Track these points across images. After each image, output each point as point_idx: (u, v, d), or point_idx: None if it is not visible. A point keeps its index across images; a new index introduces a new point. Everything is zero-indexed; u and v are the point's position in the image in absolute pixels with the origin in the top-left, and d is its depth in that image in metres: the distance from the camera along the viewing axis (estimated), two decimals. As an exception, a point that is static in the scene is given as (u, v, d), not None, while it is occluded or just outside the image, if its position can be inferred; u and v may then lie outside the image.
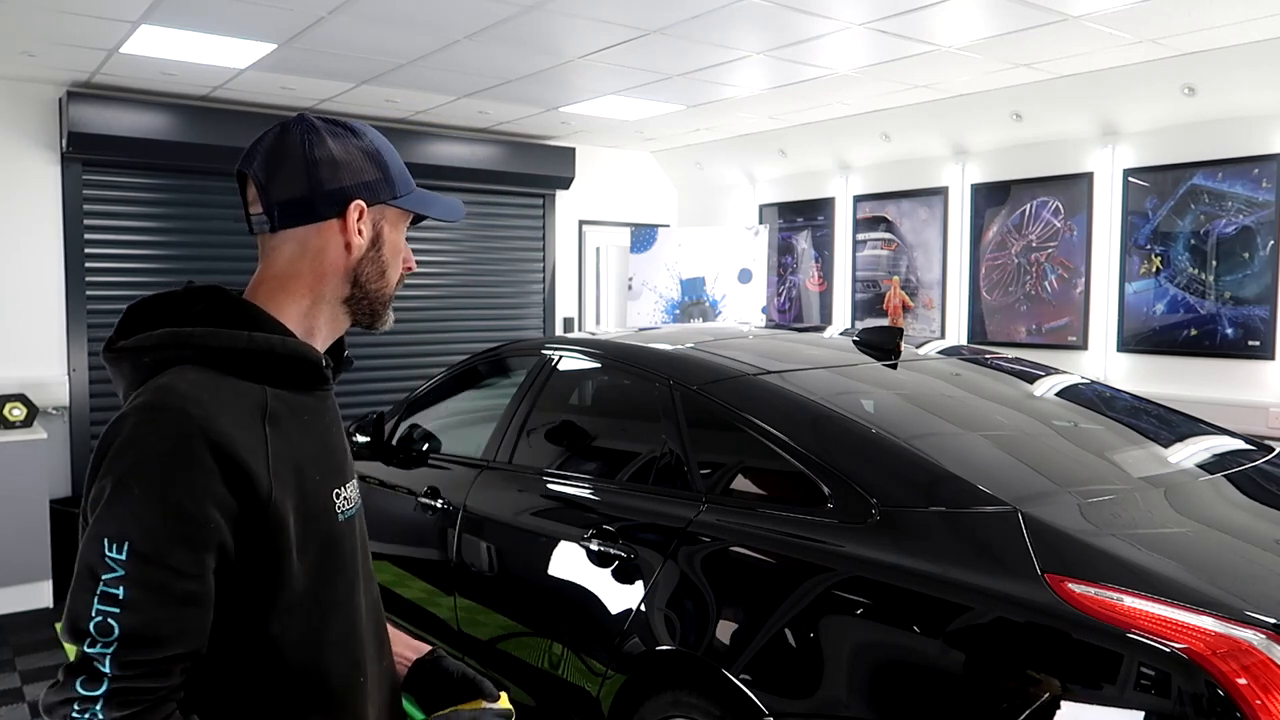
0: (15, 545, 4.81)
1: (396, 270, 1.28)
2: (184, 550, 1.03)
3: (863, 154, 6.51)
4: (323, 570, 1.17)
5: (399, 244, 1.28)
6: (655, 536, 2.41)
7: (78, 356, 5.50)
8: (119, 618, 1.00)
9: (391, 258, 1.27)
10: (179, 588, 1.03)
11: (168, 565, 1.02)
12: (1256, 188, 4.72)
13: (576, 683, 2.54)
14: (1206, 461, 2.47)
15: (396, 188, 1.26)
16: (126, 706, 1.00)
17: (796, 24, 4.16)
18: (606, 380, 3.22)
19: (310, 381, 1.22)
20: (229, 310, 1.18)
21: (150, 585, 1.02)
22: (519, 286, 7.30)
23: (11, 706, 3.75)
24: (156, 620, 1.01)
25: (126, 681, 1.00)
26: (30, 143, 5.35)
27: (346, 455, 1.28)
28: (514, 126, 6.63)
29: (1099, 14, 3.99)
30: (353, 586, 1.22)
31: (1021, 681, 1.73)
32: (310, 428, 1.20)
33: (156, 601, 1.02)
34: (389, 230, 1.26)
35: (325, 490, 1.19)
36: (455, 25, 4.20)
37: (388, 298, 1.28)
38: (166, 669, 1.02)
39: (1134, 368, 5.24)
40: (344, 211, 1.21)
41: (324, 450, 1.22)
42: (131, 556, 1.01)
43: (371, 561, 1.34)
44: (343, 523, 1.21)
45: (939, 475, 2.08)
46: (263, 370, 1.16)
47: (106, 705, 0.99)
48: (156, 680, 1.02)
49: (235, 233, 5.97)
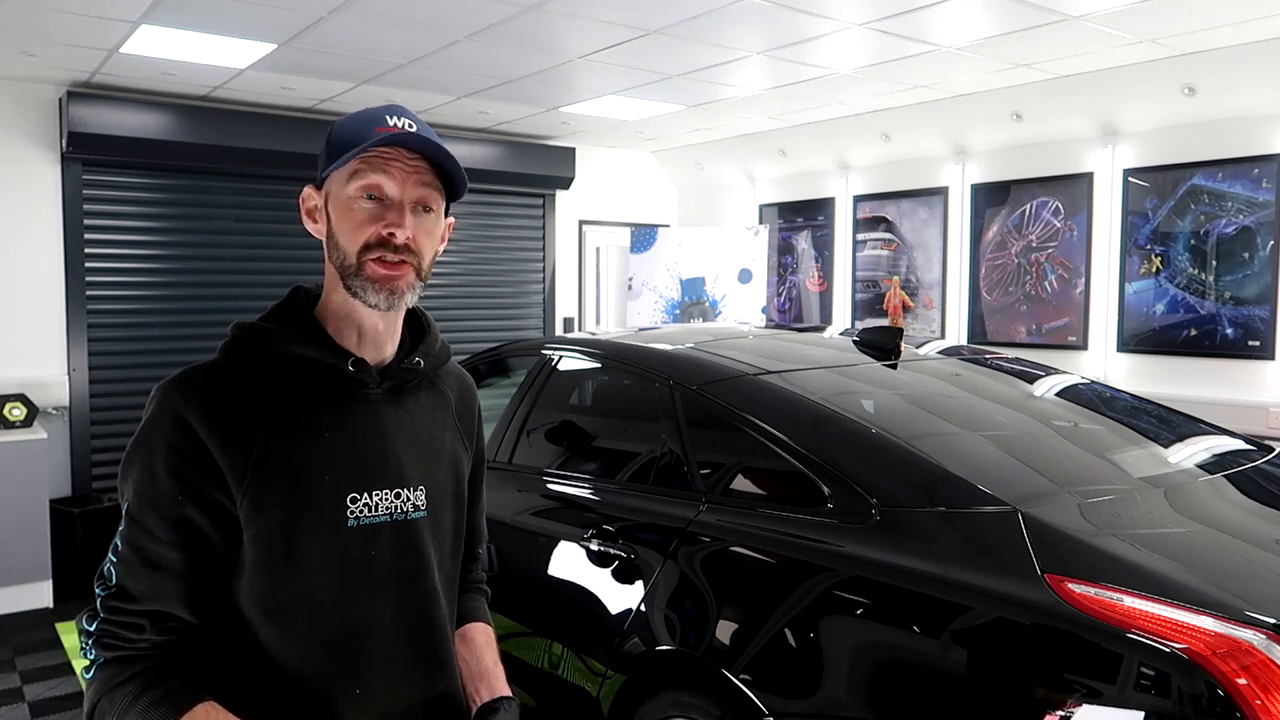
0: (15, 545, 4.81)
1: (352, 235, 1.16)
2: (156, 518, 1.12)
3: (863, 154, 6.51)
4: (310, 572, 1.15)
5: (349, 206, 1.17)
6: (655, 536, 2.41)
7: (78, 356, 5.50)
8: (116, 567, 1.13)
9: (340, 226, 1.18)
10: (151, 550, 1.12)
11: (145, 528, 1.12)
12: (1256, 188, 4.72)
13: (576, 683, 2.54)
14: (1206, 461, 2.47)
15: (336, 155, 1.17)
16: (108, 650, 1.11)
17: (796, 24, 4.16)
18: (606, 380, 3.22)
19: (328, 384, 1.20)
20: (287, 308, 1.24)
21: (134, 544, 1.12)
22: (519, 286, 7.30)
23: (11, 706, 3.75)
24: (135, 576, 1.11)
25: (110, 626, 1.11)
26: (30, 143, 5.35)
27: (389, 461, 1.21)
28: (514, 126, 6.63)
29: (1099, 14, 3.99)
30: (354, 593, 1.18)
31: (1021, 682, 1.73)
32: (330, 430, 1.18)
33: (137, 560, 1.12)
34: (332, 201, 1.19)
35: (333, 494, 1.17)
36: (455, 25, 4.20)
37: (350, 268, 1.17)
38: (139, 624, 1.11)
39: (1134, 368, 5.24)
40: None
41: (348, 454, 1.18)
42: (127, 516, 1.13)
43: (434, 578, 1.25)
44: (354, 528, 1.17)
45: (939, 475, 2.08)
46: (281, 367, 1.19)
47: (96, 643, 1.12)
48: (132, 632, 1.11)
49: (235, 233, 5.97)
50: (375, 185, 1.16)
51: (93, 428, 5.55)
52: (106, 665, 1.11)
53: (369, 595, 1.19)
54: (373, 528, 1.19)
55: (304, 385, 1.18)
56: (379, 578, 1.20)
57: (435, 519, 1.26)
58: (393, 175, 1.16)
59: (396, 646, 1.21)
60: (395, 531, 1.21)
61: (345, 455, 1.18)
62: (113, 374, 5.61)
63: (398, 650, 1.21)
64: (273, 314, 1.23)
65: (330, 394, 1.19)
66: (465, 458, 1.37)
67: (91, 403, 5.55)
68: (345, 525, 1.17)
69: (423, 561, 1.24)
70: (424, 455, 1.26)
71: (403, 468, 1.23)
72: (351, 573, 1.18)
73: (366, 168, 1.16)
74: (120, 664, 1.10)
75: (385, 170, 1.16)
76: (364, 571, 1.18)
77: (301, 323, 1.21)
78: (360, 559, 1.18)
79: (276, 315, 1.23)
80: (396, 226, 1.16)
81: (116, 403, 5.59)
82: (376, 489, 1.20)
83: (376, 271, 1.16)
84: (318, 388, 1.19)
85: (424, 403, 1.29)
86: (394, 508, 1.21)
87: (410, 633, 1.23)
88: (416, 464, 1.24)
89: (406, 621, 1.22)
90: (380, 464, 1.21)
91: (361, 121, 1.18)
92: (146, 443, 1.13)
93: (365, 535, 1.18)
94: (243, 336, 1.20)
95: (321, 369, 1.19)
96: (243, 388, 1.16)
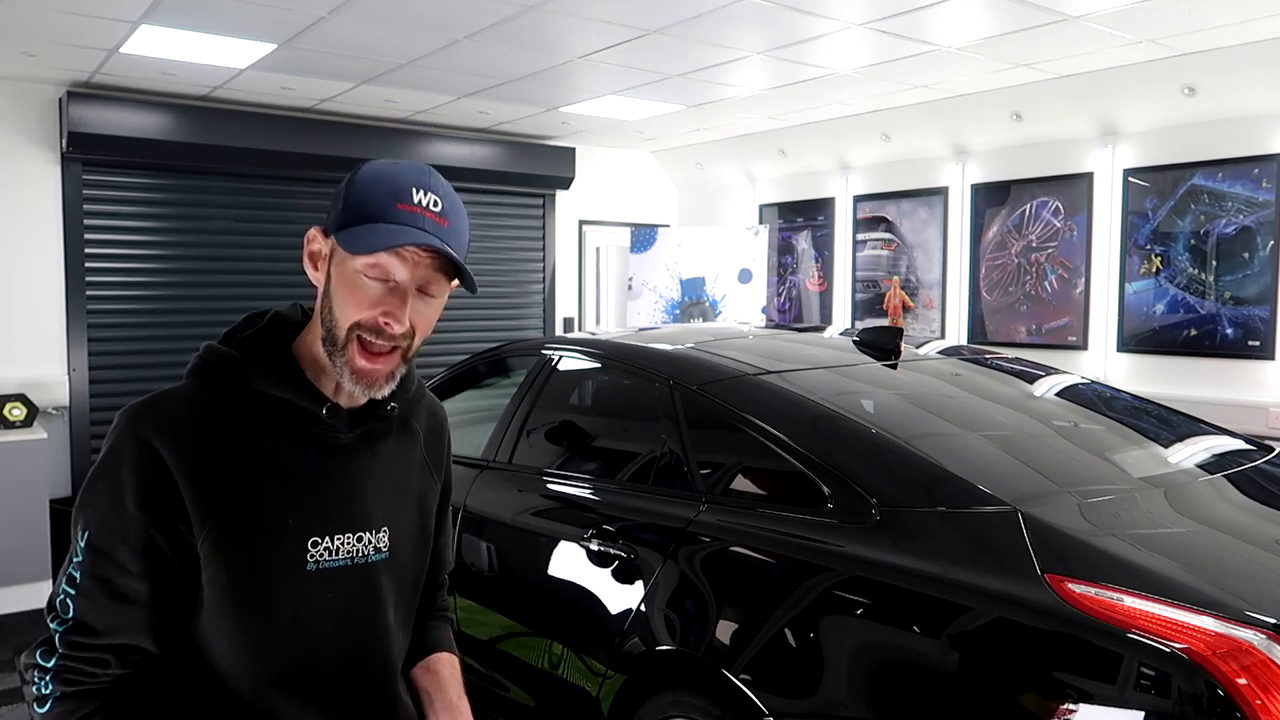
0: (15, 545, 4.80)
1: (347, 310, 1.12)
2: (125, 549, 1.09)
3: (863, 154, 6.51)
4: (267, 613, 1.14)
5: (353, 280, 1.12)
6: (655, 536, 2.41)
7: (77, 356, 5.50)
8: (74, 600, 1.09)
9: (339, 294, 1.13)
10: (119, 583, 1.09)
11: (113, 560, 1.09)
12: (1256, 188, 4.72)
13: (576, 683, 2.54)
14: (1206, 461, 2.47)
15: (350, 216, 1.12)
16: (68, 685, 1.08)
17: (796, 24, 4.16)
18: (606, 380, 3.22)
19: (300, 426, 1.17)
20: (266, 340, 1.20)
21: (98, 576, 1.09)
22: (519, 286, 7.30)
23: (11, 706, 3.75)
24: (100, 609, 1.08)
25: (71, 661, 1.08)
26: (30, 143, 5.35)
27: (353, 504, 1.20)
28: (514, 126, 6.63)
29: (1099, 14, 3.99)
30: (310, 636, 1.17)
31: (1021, 681, 1.73)
32: (298, 474, 1.16)
33: (102, 593, 1.08)
34: (337, 262, 1.14)
35: (295, 537, 1.15)
36: (455, 25, 4.19)
37: (337, 339, 1.13)
38: (104, 659, 1.09)
39: (1134, 368, 5.24)
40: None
41: (313, 498, 1.17)
42: (89, 546, 1.09)
43: (389, 619, 1.25)
44: (313, 572, 1.16)
45: (939, 475, 2.08)
46: (254, 404, 1.16)
47: (55, 679, 1.09)
48: (96, 667, 1.09)
49: (235, 233, 5.98)
50: (383, 268, 1.12)
51: (93, 428, 5.55)
52: (65, 699, 1.08)
53: (322, 636, 1.18)
54: (331, 571, 1.18)
55: (275, 425, 1.16)
56: (334, 619, 1.19)
57: (395, 559, 1.25)
58: (405, 260, 1.12)
59: (350, 688, 1.21)
60: (353, 575, 1.20)
61: (310, 499, 1.16)
62: (113, 374, 5.61)
63: (352, 692, 1.22)
64: (246, 342, 1.19)
65: (301, 436, 1.17)
66: (434, 490, 1.36)
67: (91, 403, 5.56)
68: (304, 569, 1.16)
69: (378, 603, 1.23)
70: (390, 496, 1.25)
71: (367, 511, 1.21)
72: (306, 615, 1.17)
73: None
74: (80, 699, 1.08)
75: (399, 254, 1.12)
76: (319, 614, 1.18)
77: (278, 359, 1.18)
78: (317, 602, 1.17)
79: (251, 344, 1.19)
80: (395, 319, 1.12)
81: (116, 403, 5.54)
82: (339, 533, 1.18)
83: (357, 363, 1.13)
84: (289, 429, 1.17)
85: (393, 444, 1.27)
86: (355, 551, 1.20)
87: (362, 674, 1.23)
88: (382, 506, 1.23)
89: (359, 662, 1.22)
90: (344, 508, 1.19)
91: (386, 189, 1.12)
92: (113, 472, 1.09)
93: (324, 578, 1.17)
94: (216, 364, 1.17)
95: (295, 411, 1.17)
96: (214, 422, 1.13)
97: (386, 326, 1.12)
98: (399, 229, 1.10)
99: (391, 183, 1.12)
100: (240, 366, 1.16)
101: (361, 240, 1.10)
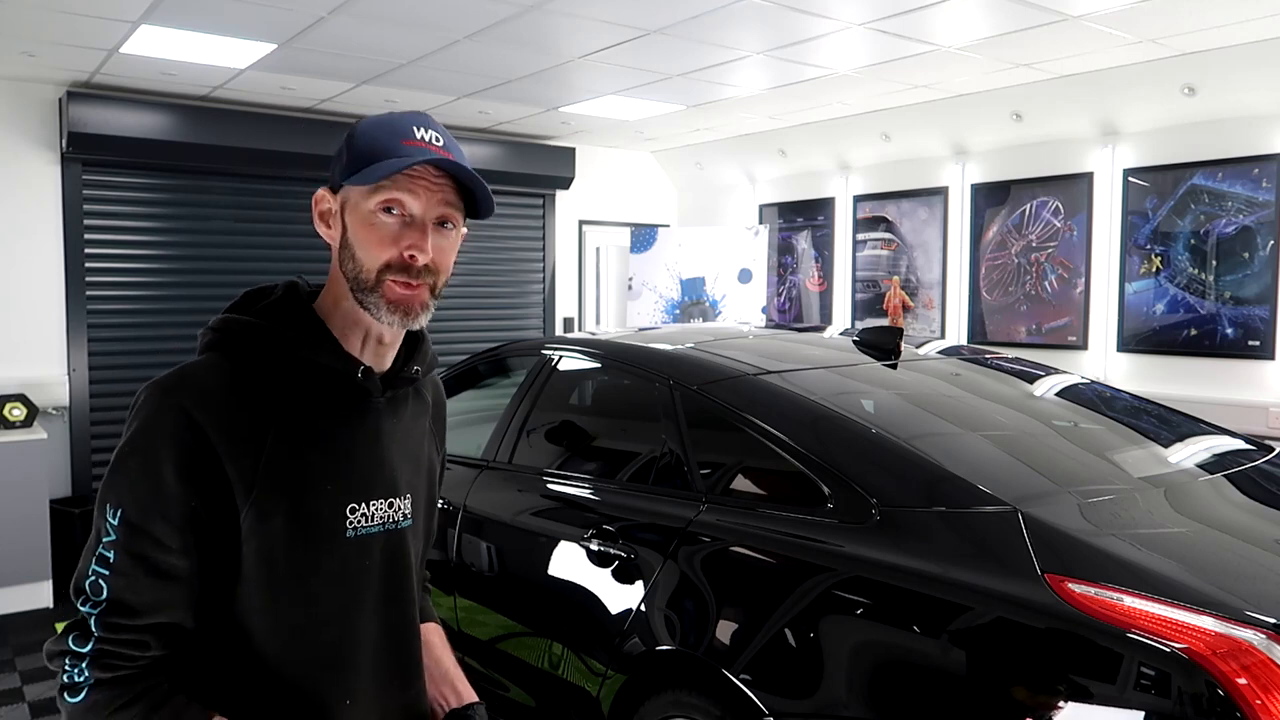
0: (15, 545, 4.80)
1: (371, 252, 1.13)
2: (165, 525, 1.06)
3: (863, 154, 6.51)
4: (310, 585, 1.14)
5: (369, 220, 1.13)
6: (655, 536, 2.41)
7: (78, 356, 5.50)
8: (108, 580, 1.05)
9: (359, 238, 1.14)
10: (160, 560, 1.06)
11: (151, 537, 1.06)
12: (1256, 188, 4.72)
13: (576, 683, 2.54)
14: (1206, 461, 2.47)
15: (357, 162, 1.13)
16: (108, 670, 1.04)
17: (796, 24, 4.16)
18: (606, 380, 3.22)
19: (333, 391, 1.17)
20: (288, 307, 1.19)
21: (135, 554, 1.05)
22: (519, 286, 7.30)
23: (12, 706, 3.75)
24: (139, 588, 1.05)
25: (110, 645, 1.05)
26: (30, 143, 5.35)
27: (384, 470, 1.20)
28: (514, 126, 6.63)
29: (1099, 14, 3.99)
30: (352, 605, 1.17)
31: (1022, 681, 1.73)
32: (334, 439, 1.16)
33: (141, 571, 1.05)
34: (350, 210, 1.15)
35: (334, 504, 1.15)
36: (455, 25, 4.20)
37: (366, 284, 1.13)
38: (143, 640, 1.06)
39: (1134, 368, 5.24)
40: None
41: (350, 464, 1.17)
42: (123, 524, 1.06)
43: (414, 585, 1.26)
44: (352, 539, 1.16)
45: (939, 475, 2.08)
46: (285, 371, 1.15)
47: (92, 664, 1.04)
48: (135, 649, 1.05)
49: (235, 233, 5.97)
50: (399, 202, 1.13)
51: (93, 428, 5.55)
52: (101, 686, 1.04)
53: (364, 606, 1.19)
54: (368, 538, 1.18)
55: (308, 390, 1.16)
56: (373, 588, 1.19)
57: (416, 525, 1.27)
58: (417, 194, 1.13)
59: (384, 655, 1.21)
60: (386, 541, 1.21)
61: (347, 465, 1.17)
62: (113, 374, 5.61)
63: (385, 659, 1.22)
64: (266, 311, 1.18)
65: (335, 401, 1.17)
66: (438, 461, 1.39)
67: (91, 403, 5.55)
68: (344, 536, 1.16)
69: (407, 569, 1.24)
70: (410, 462, 1.26)
71: (395, 476, 1.22)
72: (349, 585, 1.17)
73: (390, 184, 1.13)
74: (119, 684, 1.04)
75: (410, 189, 1.13)
76: (360, 583, 1.18)
77: (309, 325, 1.18)
78: (356, 570, 1.17)
79: (272, 313, 1.18)
80: (419, 250, 1.13)
81: (116, 403, 5.58)
82: (374, 499, 1.19)
83: (395, 292, 1.13)
84: (323, 394, 1.16)
85: (411, 410, 1.29)
86: (386, 517, 1.20)
87: (396, 641, 1.23)
88: (406, 471, 1.24)
89: (394, 630, 1.23)
90: (377, 473, 1.20)
91: (387, 131, 1.15)
92: (149, 445, 1.06)
93: (361, 546, 1.18)
94: (239, 333, 1.16)
95: (329, 375, 1.16)
96: (246, 391, 1.12)
97: (412, 260, 1.13)
98: (408, 157, 1.12)
99: (391, 125, 1.16)
100: (265, 334, 1.15)
101: (373, 173, 1.11)
